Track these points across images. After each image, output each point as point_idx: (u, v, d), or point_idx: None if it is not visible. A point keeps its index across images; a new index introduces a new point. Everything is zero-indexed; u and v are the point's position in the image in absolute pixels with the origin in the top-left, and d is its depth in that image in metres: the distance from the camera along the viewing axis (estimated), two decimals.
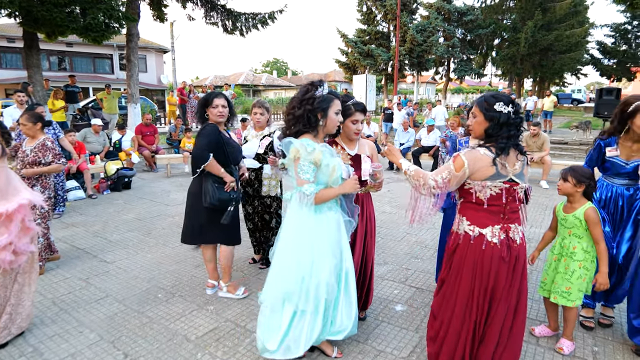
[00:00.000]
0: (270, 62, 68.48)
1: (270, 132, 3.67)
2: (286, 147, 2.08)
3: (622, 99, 2.83)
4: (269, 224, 3.77)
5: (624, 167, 2.77)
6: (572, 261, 2.56)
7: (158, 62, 27.97)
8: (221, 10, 11.10)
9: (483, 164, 1.94)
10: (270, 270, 2.31)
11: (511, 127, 1.94)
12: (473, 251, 2.03)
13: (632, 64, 25.41)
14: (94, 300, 3.26)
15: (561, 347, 2.60)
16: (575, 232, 2.57)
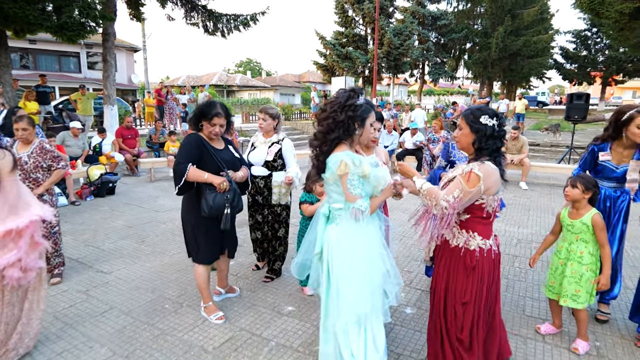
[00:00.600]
0: (243, 62, 67.71)
1: (279, 139, 3.57)
2: (333, 162, 1.99)
3: (617, 108, 3.04)
4: (277, 233, 3.70)
5: (615, 171, 2.97)
6: (580, 265, 2.68)
7: (129, 61, 27.14)
8: (202, 10, 10.90)
9: (496, 178, 1.98)
10: (333, 294, 2.12)
11: (497, 140, 2.01)
12: (489, 264, 2.09)
13: (592, 68, 26.88)
14: (99, 314, 3.15)
15: (576, 348, 2.72)
16: (583, 237, 2.70)
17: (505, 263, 4.21)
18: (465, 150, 2.11)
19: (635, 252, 4.55)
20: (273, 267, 3.79)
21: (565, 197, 2.77)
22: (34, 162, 3.51)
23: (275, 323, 3.03)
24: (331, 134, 2.02)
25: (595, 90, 31.48)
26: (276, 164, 3.54)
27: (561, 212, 2.86)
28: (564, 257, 2.78)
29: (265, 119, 3.54)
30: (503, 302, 3.41)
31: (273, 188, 3.55)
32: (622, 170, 2.94)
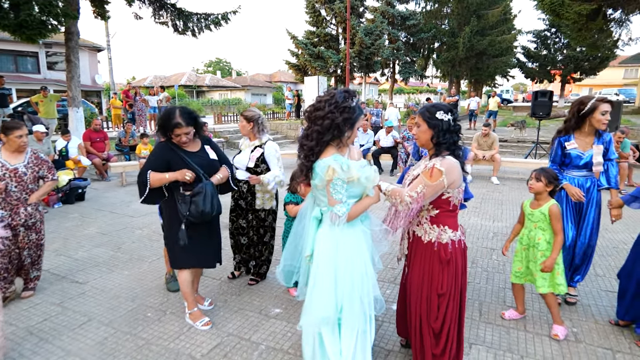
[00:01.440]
0: (212, 62, 66.56)
1: (262, 142, 3.47)
2: (321, 168, 1.98)
3: (576, 100, 3.27)
4: (263, 238, 3.63)
5: (582, 157, 3.18)
6: (537, 251, 2.87)
7: (92, 61, 26.06)
8: (171, 9, 10.59)
9: (458, 171, 2.05)
10: (308, 292, 2.16)
11: (453, 134, 2.09)
12: (461, 254, 2.19)
13: (552, 67, 28.16)
14: (77, 326, 3.01)
15: (556, 334, 2.85)
16: (540, 225, 2.88)
17: (484, 256, 4.34)
18: (425, 146, 2.19)
19: (604, 242, 4.79)
20: (259, 271, 3.73)
21: (529, 189, 2.91)
22: (32, 173, 3.33)
23: (263, 326, 3.00)
24: (326, 135, 2.00)
25: (555, 88, 32.92)
26: (259, 169, 3.43)
27: (524, 202, 3.03)
28: (525, 244, 2.96)
29: (241, 121, 3.47)
30: (484, 293, 3.52)
31: (256, 192, 3.48)
32: (589, 155, 3.16)
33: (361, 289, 2.07)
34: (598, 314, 3.16)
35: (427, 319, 2.20)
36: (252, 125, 3.42)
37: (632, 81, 38.17)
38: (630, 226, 5.24)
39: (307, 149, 2.05)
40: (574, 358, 2.62)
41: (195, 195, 2.72)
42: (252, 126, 3.43)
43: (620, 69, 42.06)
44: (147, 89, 20.43)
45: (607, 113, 3.05)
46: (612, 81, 41.12)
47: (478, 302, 3.36)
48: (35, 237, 3.42)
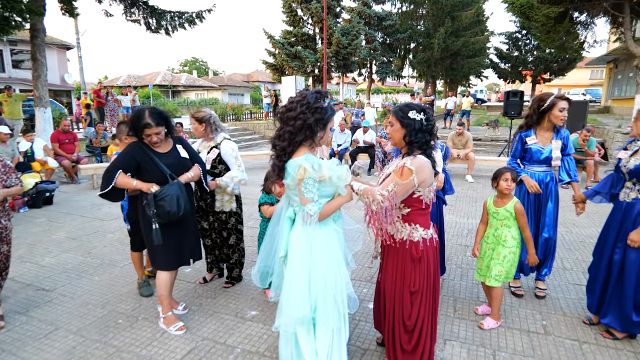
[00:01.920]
0: (188, 62, 65.43)
1: (217, 143, 3.36)
2: (293, 167, 1.97)
3: (535, 97, 3.40)
4: (228, 241, 3.54)
5: (542, 152, 3.29)
6: (504, 248, 2.95)
7: (61, 59, 25.18)
8: (143, 7, 10.32)
9: (428, 170, 2.08)
10: (282, 293, 2.14)
11: (425, 134, 2.11)
12: (433, 252, 2.21)
13: (523, 67, 29.03)
14: (43, 336, 2.89)
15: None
16: (506, 223, 2.97)
17: (458, 253, 4.43)
18: (398, 145, 2.21)
19: (571, 236, 4.96)
20: (232, 275, 3.67)
21: (504, 190, 2.94)
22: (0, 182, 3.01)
23: (239, 329, 2.96)
24: (298, 135, 1.99)
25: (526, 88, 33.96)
26: (217, 170, 3.33)
27: (487, 201, 3.09)
28: (491, 242, 3.03)
29: (192, 124, 3.36)
30: (458, 289, 3.58)
31: (216, 194, 3.38)
32: (549, 150, 3.28)
33: (335, 288, 2.06)
34: (566, 306, 3.26)
35: (400, 316, 2.22)
36: (205, 126, 3.30)
37: (598, 82, 39.78)
38: (596, 221, 5.45)
39: (280, 149, 2.04)
40: (544, 350, 2.69)
41: (159, 197, 2.67)
42: (205, 127, 3.31)
43: (587, 70, 43.76)
44: (120, 88, 19.89)
45: (565, 110, 3.19)
46: (580, 82, 42.74)
47: (452, 298, 3.42)
48: (6, 248, 3.08)
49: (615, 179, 2.90)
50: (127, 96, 13.81)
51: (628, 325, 2.71)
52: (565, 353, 2.66)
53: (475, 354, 2.65)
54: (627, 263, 2.67)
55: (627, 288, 2.68)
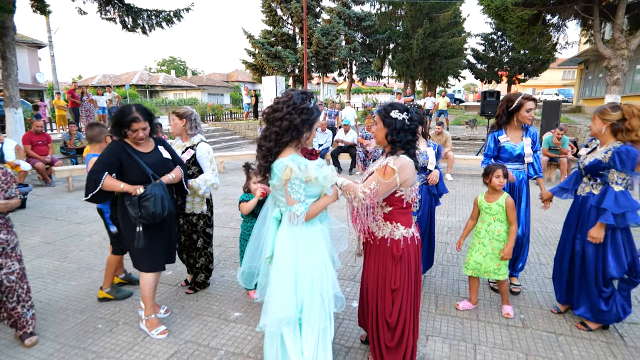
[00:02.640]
0: (166, 61, 64.29)
1: (194, 143, 3.30)
2: (279, 168, 1.98)
3: (504, 97, 3.53)
4: (195, 244, 3.44)
5: (515, 149, 3.41)
6: (499, 242, 3.04)
7: (31, 58, 24.36)
8: (119, 4, 10.07)
9: (411, 170, 2.11)
10: (267, 293, 2.13)
11: (407, 133, 2.13)
12: (414, 251, 2.24)
13: (499, 68, 29.75)
14: (18, 344, 2.79)
15: (508, 313, 3.11)
16: (499, 218, 3.06)
17: (439, 250, 4.50)
18: (381, 144, 2.23)
19: (546, 232, 5.12)
20: (196, 280, 3.55)
21: (496, 186, 3.03)
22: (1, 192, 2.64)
23: (222, 331, 2.93)
24: (285, 136, 1.99)
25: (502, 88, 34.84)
26: (190, 171, 3.27)
27: (478, 197, 3.17)
28: (482, 237, 3.10)
29: (172, 119, 3.31)
30: (439, 286, 3.65)
31: (186, 196, 3.31)
32: (521, 147, 3.40)
33: (321, 287, 2.07)
34: (543, 300, 3.37)
35: (382, 314, 2.25)
36: (185, 122, 3.27)
37: (570, 82, 41.17)
38: None
39: (266, 150, 2.04)
40: (522, 342, 2.78)
41: (144, 198, 2.63)
42: (185, 123, 3.27)
43: (560, 71, 45.25)
44: (95, 88, 19.37)
45: (532, 110, 3.32)
46: (553, 82, 44.11)
47: (434, 295, 3.48)
48: (17, 267, 2.70)
49: (577, 175, 3.05)
50: (103, 96, 13.47)
51: (598, 315, 2.83)
52: (542, 345, 2.75)
53: (456, 349, 2.71)
54: (586, 256, 2.83)
55: (589, 279, 2.83)
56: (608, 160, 2.67)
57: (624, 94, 15.47)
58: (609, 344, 2.76)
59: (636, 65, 16.54)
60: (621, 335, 2.85)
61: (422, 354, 2.66)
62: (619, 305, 2.80)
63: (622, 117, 2.65)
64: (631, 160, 2.58)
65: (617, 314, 2.80)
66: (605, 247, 2.74)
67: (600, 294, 2.80)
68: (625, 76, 12.22)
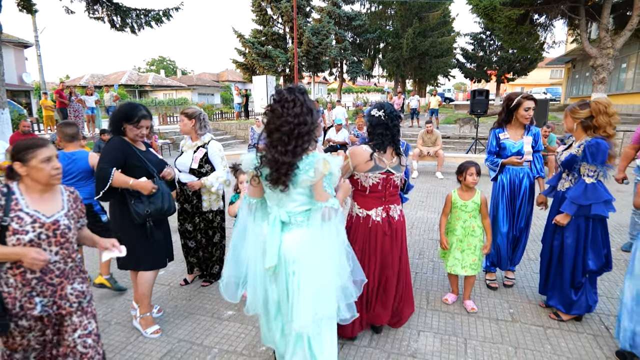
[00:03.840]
0: (156, 61, 63.71)
1: (205, 142, 3.37)
2: (317, 161, 1.88)
3: (506, 95, 3.58)
4: (213, 239, 3.54)
5: (514, 146, 3.45)
6: (474, 238, 3.12)
7: (17, 58, 23.91)
8: (107, 4, 9.95)
9: (363, 158, 2.46)
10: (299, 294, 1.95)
11: (381, 127, 2.45)
12: (362, 229, 2.58)
13: (488, 67, 30.06)
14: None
15: (474, 308, 3.18)
16: (474, 214, 3.14)
17: (430, 248, 4.56)
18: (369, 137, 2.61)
19: (534, 228, 5.19)
20: (211, 272, 3.64)
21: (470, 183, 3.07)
22: (74, 224, 1.95)
23: (216, 329, 2.94)
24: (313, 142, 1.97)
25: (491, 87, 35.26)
26: (203, 169, 3.33)
27: (451, 195, 3.21)
28: (459, 234, 3.15)
29: (182, 120, 3.36)
30: (430, 282, 3.69)
31: (202, 195, 3.39)
32: (520, 145, 3.43)
33: (342, 280, 1.98)
34: (532, 295, 3.44)
35: None
36: (194, 122, 3.32)
37: (558, 81, 41.79)
38: None
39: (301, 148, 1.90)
40: (511, 336, 2.83)
41: (153, 195, 2.67)
42: (194, 123, 3.32)
43: (547, 70, 45.87)
44: (83, 88, 19.14)
45: (530, 109, 3.34)
46: (541, 81, 44.72)
47: (425, 291, 3.53)
48: (94, 325, 1.99)
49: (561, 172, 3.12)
50: (92, 96, 13.31)
51: (568, 305, 2.92)
52: (531, 338, 2.80)
53: (447, 343, 2.76)
54: (565, 248, 2.90)
55: (565, 269, 2.91)
56: (581, 154, 2.76)
57: (610, 93, 15.79)
58: (596, 336, 2.83)
59: (621, 64, 16.86)
60: (607, 327, 2.93)
61: (414, 349, 2.70)
62: (589, 296, 2.90)
63: (591, 115, 2.74)
64: (601, 153, 2.68)
65: (586, 305, 2.90)
66: (586, 240, 2.82)
67: (574, 285, 2.89)
68: (611, 75, 12.47)
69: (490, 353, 2.65)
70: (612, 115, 2.70)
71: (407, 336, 2.84)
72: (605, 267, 2.88)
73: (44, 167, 1.78)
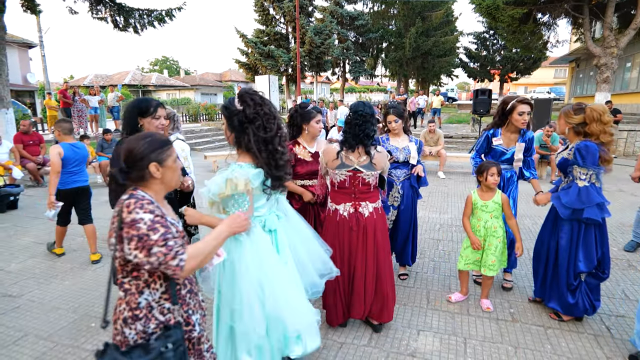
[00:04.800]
0: (159, 61, 63.88)
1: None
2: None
3: (501, 99, 3.50)
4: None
5: (505, 153, 3.41)
6: (494, 238, 3.09)
7: (22, 58, 24.06)
8: (110, 4, 10.00)
9: (331, 156, 2.59)
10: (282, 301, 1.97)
11: (348, 126, 2.54)
12: (331, 222, 2.72)
13: (491, 67, 29.98)
14: (11, 343, 2.80)
15: (489, 307, 3.17)
16: (495, 215, 3.11)
17: (431, 247, 4.55)
18: None
19: (536, 228, 5.17)
20: None
21: (490, 184, 3.06)
22: None
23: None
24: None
25: (494, 87, 35.15)
26: None
27: (472, 196, 3.19)
28: (482, 235, 3.13)
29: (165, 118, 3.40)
30: (431, 282, 3.69)
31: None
32: (511, 152, 3.39)
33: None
34: (532, 295, 3.42)
35: None
36: (169, 122, 3.36)
37: (562, 80, 41.53)
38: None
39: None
40: (511, 336, 2.83)
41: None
42: (169, 123, 3.34)
43: (551, 69, 45.62)
44: (87, 88, 19.22)
45: (525, 114, 3.21)
46: (544, 80, 44.50)
47: (425, 290, 3.52)
48: None
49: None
50: (95, 96, 13.37)
51: (566, 308, 2.91)
52: (531, 338, 2.80)
53: (447, 343, 2.76)
54: (560, 250, 2.88)
55: (560, 272, 2.89)
56: (572, 158, 2.74)
57: (614, 92, 15.68)
58: (597, 336, 2.82)
59: (626, 63, 16.75)
60: (608, 327, 2.92)
61: (413, 348, 2.70)
62: (585, 299, 2.87)
63: (584, 121, 2.72)
64: (591, 155, 2.66)
65: (583, 307, 2.87)
66: (578, 242, 2.81)
67: (569, 287, 2.87)
68: (615, 74, 12.38)
69: (490, 353, 2.64)
70: (607, 123, 2.66)
71: (406, 335, 2.84)
72: (600, 272, 2.85)
73: (176, 167, 1.57)
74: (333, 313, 2.80)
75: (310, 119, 3.00)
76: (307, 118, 3.00)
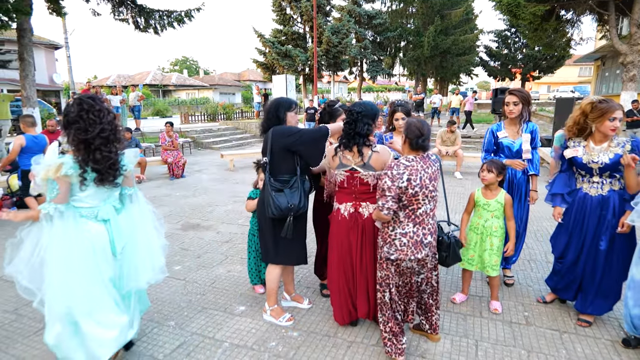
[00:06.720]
0: (179, 61, 65.05)
1: None
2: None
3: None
4: None
5: (513, 145, 3.39)
6: (494, 238, 3.06)
7: (48, 59, 24.91)
8: (131, 5, 10.25)
9: (330, 155, 2.69)
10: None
11: (346, 126, 2.56)
12: (335, 221, 2.76)
13: (512, 65, 29.32)
14: (32, 333, 2.91)
15: (496, 309, 3.14)
16: (496, 214, 3.07)
17: None
18: None
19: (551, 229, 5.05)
20: None
21: (482, 181, 3.07)
22: None
23: (227, 324, 3.00)
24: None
25: (515, 86, 34.41)
26: None
27: (475, 193, 3.17)
28: (480, 233, 3.11)
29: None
30: (443, 283, 3.65)
31: None
32: (519, 143, 3.38)
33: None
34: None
35: None
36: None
37: (586, 79, 40.33)
38: None
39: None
40: (524, 339, 2.77)
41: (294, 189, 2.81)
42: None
43: (576, 67, 44.34)
44: (109, 88, 19.72)
45: (511, 104, 3.31)
46: (568, 79, 43.30)
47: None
48: None
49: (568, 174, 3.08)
50: (117, 96, 13.72)
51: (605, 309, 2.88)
52: (545, 342, 2.74)
53: (458, 345, 2.73)
54: (614, 252, 2.79)
55: (613, 275, 2.82)
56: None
57: None
58: (614, 342, 2.74)
59: None
60: (626, 333, 2.83)
61: (424, 349, 2.68)
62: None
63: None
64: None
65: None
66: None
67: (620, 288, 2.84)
68: None
69: (502, 356, 2.60)
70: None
71: (416, 336, 2.82)
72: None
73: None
74: (339, 312, 2.85)
75: (337, 117, 3.10)
76: (335, 115, 3.12)
